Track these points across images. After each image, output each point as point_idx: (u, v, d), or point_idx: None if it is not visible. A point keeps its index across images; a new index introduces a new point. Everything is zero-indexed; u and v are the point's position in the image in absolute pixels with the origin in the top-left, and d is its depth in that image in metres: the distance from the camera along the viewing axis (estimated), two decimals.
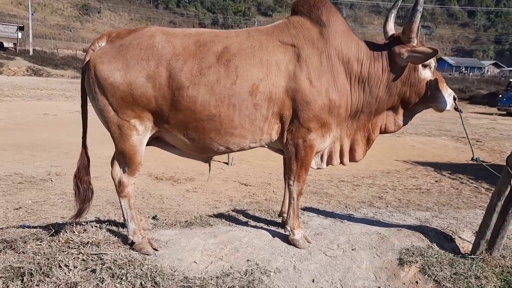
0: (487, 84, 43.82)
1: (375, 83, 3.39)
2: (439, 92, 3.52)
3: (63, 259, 2.93)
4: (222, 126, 3.14)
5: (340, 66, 3.29)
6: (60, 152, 11.46)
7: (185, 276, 2.94)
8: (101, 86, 3.05)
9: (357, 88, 3.39)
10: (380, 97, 3.44)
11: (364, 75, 3.37)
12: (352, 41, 3.36)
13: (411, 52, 3.29)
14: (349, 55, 3.32)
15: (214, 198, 8.43)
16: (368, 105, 3.46)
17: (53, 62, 45.10)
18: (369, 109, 3.48)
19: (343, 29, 3.35)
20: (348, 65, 3.32)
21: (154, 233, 3.57)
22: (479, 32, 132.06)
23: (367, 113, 3.51)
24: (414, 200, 8.69)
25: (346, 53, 3.31)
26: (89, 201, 3.46)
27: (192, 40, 3.15)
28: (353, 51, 3.34)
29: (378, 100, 3.45)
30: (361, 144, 3.64)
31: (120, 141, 3.17)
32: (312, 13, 3.31)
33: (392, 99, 3.49)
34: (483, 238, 3.36)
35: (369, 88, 3.40)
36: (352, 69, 3.34)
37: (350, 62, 3.32)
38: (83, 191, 3.42)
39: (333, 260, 3.29)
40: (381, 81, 3.40)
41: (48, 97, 26.06)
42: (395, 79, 3.41)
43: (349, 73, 3.34)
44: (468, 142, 3.78)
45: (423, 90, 3.48)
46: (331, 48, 3.26)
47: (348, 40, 3.35)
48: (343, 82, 3.31)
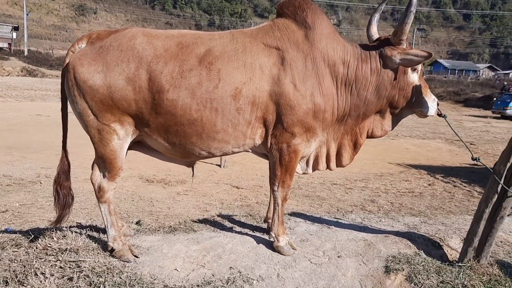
0: (482, 87, 44.01)
1: (363, 86, 3.31)
2: (424, 97, 3.47)
3: (40, 266, 2.85)
4: (204, 130, 3.07)
5: (325, 69, 3.22)
6: (51, 154, 11.34)
7: (165, 285, 2.86)
8: (80, 89, 2.98)
9: (344, 91, 3.31)
10: (368, 99, 3.36)
11: (351, 77, 3.29)
12: (338, 43, 3.28)
13: (404, 55, 3.23)
14: (334, 57, 3.24)
15: (204, 201, 8.36)
16: (356, 108, 3.38)
17: (48, 63, 44.97)
18: (357, 113, 3.40)
19: (329, 31, 3.28)
20: (334, 68, 3.24)
21: (135, 239, 3.49)
22: (474, 35, 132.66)
23: (354, 117, 3.42)
24: (406, 204, 8.66)
25: (331, 55, 3.23)
26: (69, 207, 3.37)
27: (174, 42, 3.07)
28: (338, 53, 3.26)
29: (367, 103, 3.37)
30: (348, 148, 3.57)
31: (100, 146, 3.09)
32: (297, 15, 3.24)
33: (380, 102, 3.41)
34: (470, 245, 3.30)
35: (356, 90, 3.31)
36: (338, 72, 3.26)
37: (336, 65, 3.24)
38: (63, 197, 3.33)
39: (318, 268, 3.22)
40: (369, 83, 3.31)
41: (42, 98, 25.95)
42: (385, 82, 3.33)
43: (335, 76, 3.26)
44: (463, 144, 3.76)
45: (411, 94, 3.42)
46: (316, 51, 3.19)
47: (334, 42, 3.27)
48: (329, 86, 3.23)
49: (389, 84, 3.34)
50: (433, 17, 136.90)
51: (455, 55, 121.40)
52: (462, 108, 38.11)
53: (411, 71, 3.40)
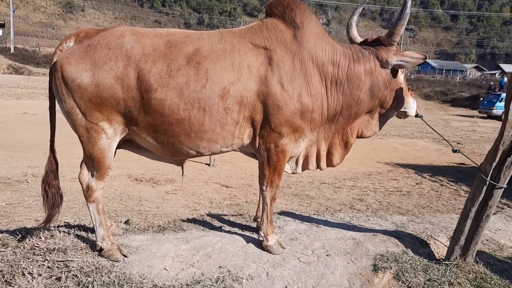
0: (469, 87, 44.46)
1: (356, 85, 3.32)
2: (408, 98, 3.55)
3: (27, 266, 2.83)
4: (192, 130, 3.06)
5: (314, 69, 3.22)
6: (38, 153, 11.22)
7: (154, 284, 2.86)
8: (68, 88, 2.96)
9: (335, 91, 3.31)
10: (361, 99, 3.37)
11: (342, 77, 3.29)
12: (326, 44, 3.29)
13: (401, 57, 3.30)
14: (323, 58, 3.25)
15: (194, 200, 8.34)
16: (348, 108, 3.39)
17: (34, 60, 44.37)
18: (349, 112, 3.41)
19: (317, 31, 3.28)
20: (323, 68, 3.25)
21: (124, 239, 3.47)
22: (461, 35, 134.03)
23: (346, 116, 3.44)
24: (394, 203, 8.73)
25: (320, 55, 3.24)
26: (58, 206, 3.34)
27: (162, 41, 3.06)
28: (327, 53, 3.27)
29: (360, 102, 3.38)
30: (339, 148, 3.58)
31: (88, 145, 3.07)
32: (285, 15, 3.23)
33: (373, 102, 3.43)
34: (457, 244, 3.34)
35: (349, 90, 3.32)
36: (327, 72, 3.26)
37: (324, 65, 3.25)
38: (51, 196, 3.31)
39: (307, 267, 3.24)
40: (363, 83, 3.33)
41: (28, 96, 25.63)
42: (379, 82, 3.36)
43: (324, 76, 3.26)
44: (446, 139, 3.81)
45: (399, 95, 3.47)
46: (304, 50, 3.19)
47: (323, 43, 3.27)
48: (317, 86, 3.23)
49: (383, 84, 3.38)
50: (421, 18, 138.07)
51: (443, 55, 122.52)
52: (449, 108, 38.50)
53: (400, 72, 3.44)
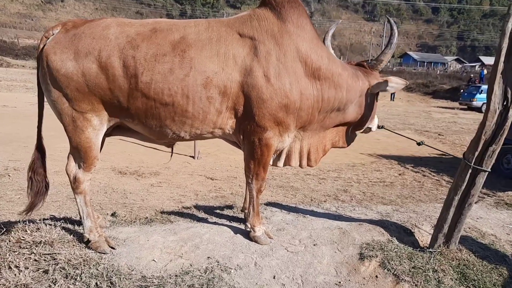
0: (450, 79, 45.03)
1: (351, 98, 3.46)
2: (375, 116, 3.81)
3: (14, 259, 2.80)
4: (176, 114, 3.06)
5: (307, 71, 3.21)
6: (19, 146, 11.03)
7: (143, 275, 2.86)
8: (53, 77, 2.93)
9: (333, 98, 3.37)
10: (349, 112, 3.56)
11: (338, 86, 3.36)
12: (323, 51, 3.31)
13: (386, 82, 3.49)
14: (319, 63, 3.24)
15: (179, 192, 8.32)
16: (335, 116, 3.53)
17: (13, 52, 43.47)
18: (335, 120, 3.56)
19: (313, 36, 3.27)
20: (319, 72, 3.25)
21: (112, 231, 3.46)
22: (442, 28, 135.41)
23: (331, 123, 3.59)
24: (378, 193, 8.84)
25: (315, 60, 3.23)
26: (43, 195, 3.33)
27: (148, 28, 3.05)
28: (324, 61, 3.27)
29: (346, 115, 3.56)
30: (319, 150, 3.68)
31: (75, 135, 3.05)
32: (283, 8, 3.18)
33: (355, 117, 3.61)
34: (440, 231, 3.42)
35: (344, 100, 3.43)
36: (325, 77, 3.28)
37: (321, 70, 3.25)
38: (36, 183, 3.29)
39: (294, 256, 3.27)
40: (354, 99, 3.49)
41: (7, 88, 25.11)
42: (363, 102, 3.55)
43: (319, 79, 3.27)
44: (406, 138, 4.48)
45: (374, 114, 3.74)
46: (296, 50, 3.16)
47: (318, 49, 3.27)
48: (307, 86, 3.23)
49: (367, 104, 3.57)
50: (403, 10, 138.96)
51: (424, 47, 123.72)
52: (431, 100, 38.95)
53: (378, 95, 3.67)
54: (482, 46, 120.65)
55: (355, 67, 3.59)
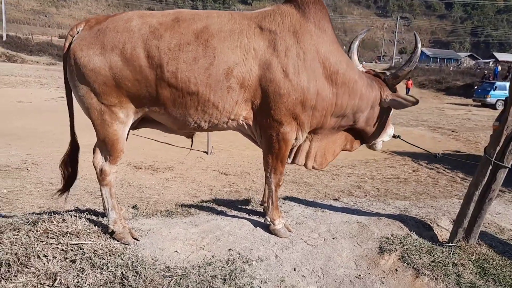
0: (463, 75, 44.52)
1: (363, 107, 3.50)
2: (389, 127, 3.87)
3: (42, 249, 2.87)
4: (199, 103, 3.10)
5: (325, 73, 3.24)
6: (36, 141, 11.21)
7: (166, 266, 2.92)
8: (81, 73, 2.99)
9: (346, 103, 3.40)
10: (360, 122, 3.61)
11: (353, 93, 3.39)
12: (342, 56, 3.34)
13: (396, 97, 3.54)
14: (337, 67, 3.27)
15: (193, 187, 8.39)
16: (346, 122, 3.58)
17: (27, 48, 43.88)
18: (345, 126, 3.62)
19: (333, 40, 3.31)
20: (336, 76, 3.28)
21: (134, 223, 3.53)
22: (456, 24, 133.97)
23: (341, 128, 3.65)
24: (392, 190, 8.82)
25: (334, 63, 3.26)
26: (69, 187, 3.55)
27: (170, 18, 3.09)
28: (343, 65, 3.30)
29: (356, 123, 3.61)
30: (328, 153, 3.72)
31: (102, 128, 3.11)
32: (307, 8, 3.21)
33: (364, 127, 3.67)
34: (460, 226, 3.43)
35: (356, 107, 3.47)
36: (339, 82, 3.31)
37: (339, 73, 3.28)
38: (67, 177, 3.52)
39: (314, 249, 3.31)
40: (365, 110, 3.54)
41: (23, 84, 25.44)
42: (374, 113, 3.61)
43: (336, 84, 3.30)
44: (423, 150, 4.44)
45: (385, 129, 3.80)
46: (316, 51, 3.19)
47: (337, 54, 3.30)
48: (325, 88, 3.26)
49: (377, 117, 3.63)
50: (416, 6, 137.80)
51: (437, 43, 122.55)
52: (444, 96, 38.63)
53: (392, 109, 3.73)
54: (496, 42, 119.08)
55: (371, 77, 3.63)
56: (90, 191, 7.25)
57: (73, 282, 2.61)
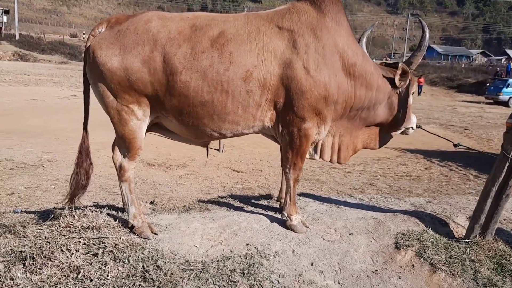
0: (475, 72, 44.13)
1: (381, 97, 3.54)
2: (412, 116, 3.85)
3: (65, 243, 2.94)
4: (215, 112, 3.13)
5: (343, 66, 3.29)
6: (50, 138, 11.36)
7: (186, 260, 2.97)
8: (99, 72, 3.05)
9: (364, 95, 3.45)
10: (378, 112, 3.63)
11: (373, 85, 3.45)
12: (358, 48, 3.39)
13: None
14: (354, 59, 3.32)
15: (206, 184, 8.45)
16: (366, 113, 3.61)
17: (40, 47, 44.29)
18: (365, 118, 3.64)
19: (349, 33, 3.36)
20: (354, 68, 3.32)
21: (153, 218, 3.59)
22: (467, 20, 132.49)
23: (362, 120, 3.66)
24: (404, 187, 8.81)
25: (351, 56, 3.30)
26: (83, 188, 3.46)
27: (188, 24, 3.12)
28: (359, 58, 3.35)
29: (376, 114, 3.63)
30: (349, 148, 3.75)
31: (120, 126, 3.17)
32: (323, 3, 3.25)
33: (386, 118, 3.68)
34: (477, 222, 3.43)
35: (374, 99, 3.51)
36: (359, 74, 3.36)
37: (356, 65, 3.33)
38: (80, 176, 3.44)
39: (331, 244, 3.34)
40: (383, 98, 3.56)
41: (35, 83, 25.70)
42: (393, 102, 3.62)
43: (353, 76, 3.35)
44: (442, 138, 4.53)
45: (408, 115, 3.76)
46: (334, 45, 3.24)
47: (353, 46, 3.35)
48: (344, 81, 3.31)
49: (397, 105, 3.63)
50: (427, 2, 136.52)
51: (448, 40, 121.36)
52: (455, 94, 38.32)
53: (411, 95, 3.73)
54: (508, 39, 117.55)
55: (385, 68, 3.67)
56: (105, 188, 7.34)
57: (96, 274, 2.67)
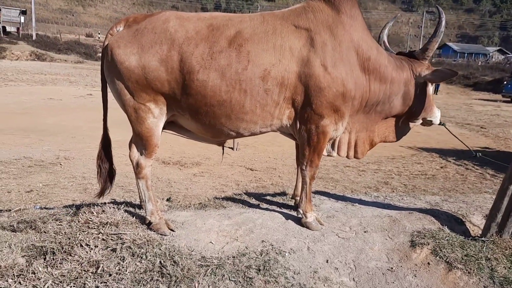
0: (492, 70, 43.58)
1: (395, 89, 3.51)
2: (434, 107, 3.76)
3: (84, 238, 3.00)
4: (232, 111, 3.16)
5: (358, 61, 3.30)
6: (67, 137, 11.54)
7: (202, 256, 3.01)
8: (117, 70, 3.10)
9: (378, 88, 3.44)
10: (394, 103, 3.59)
11: (386, 78, 3.43)
12: (372, 42, 3.39)
13: (433, 71, 3.50)
14: (369, 53, 3.33)
15: (221, 182, 8.50)
16: (382, 106, 3.58)
17: (56, 47, 45.00)
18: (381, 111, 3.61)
19: (364, 27, 3.37)
20: (368, 62, 3.33)
21: (169, 214, 3.64)
22: (484, 18, 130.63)
23: (378, 114, 3.63)
24: (420, 186, 8.75)
25: (366, 50, 3.31)
26: (111, 181, 3.60)
27: (205, 24, 3.16)
28: (374, 51, 3.36)
29: (392, 105, 3.59)
30: (365, 142, 3.74)
31: (137, 124, 3.22)
32: (337, 0, 3.28)
33: (403, 109, 3.64)
34: (494, 221, 3.41)
35: (388, 92, 3.49)
36: (373, 68, 3.36)
37: (370, 60, 3.34)
38: (104, 171, 3.54)
39: (346, 242, 3.35)
40: (399, 90, 3.53)
41: (52, 82, 26.09)
42: (410, 92, 3.57)
43: (367, 70, 3.35)
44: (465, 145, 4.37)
45: (428, 105, 3.69)
46: (350, 40, 3.26)
47: (368, 39, 3.36)
48: (360, 76, 3.32)
49: (414, 94, 3.58)
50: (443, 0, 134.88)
51: (465, 38, 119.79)
52: (472, 92, 37.87)
53: (430, 85, 3.66)
54: None
55: (401, 57, 3.63)
56: (121, 186, 7.43)
57: (114, 269, 2.72)
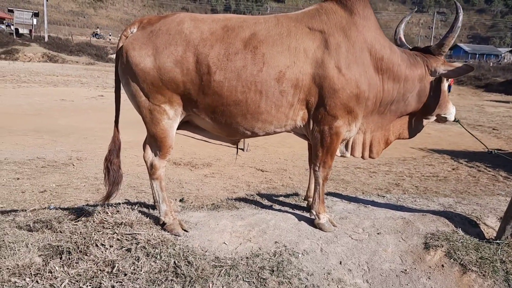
0: (504, 71, 43.13)
1: (409, 87, 3.49)
2: (449, 104, 3.72)
3: (99, 238, 3.03)
4: (248, 111, 3.19)
5: (372, 61, 3.31)
6: (79, 138, 11.65)
7: (216, 256, 3.02)
8: (132, 72, 3.12)
9: (391, 87, 3.44)
10: (409, 101, 3.57)
11: (400, 76, 3.43)
12: (385, 41, 3.39)
13: (448, 67, 3.49)
14: (382, 53, 3.33)
15: (231, 183, 8.54)
16: (396, 105, 3.56)
17: (68, 49, 45.39)
18: (396, 109, 3.60)
19: (376, 26, 3.38)
20: (381, 62, 3.34)
21: (183, 215, 3.66)
22: (496, 18, 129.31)
23: (393, 113, 3.62)
24: (431, 188, 8.71)
25: (379, 50, 3.32)
26: (118, 184, 3.51)
27: (220, 26, 3.18)
28: (387, 50, 3.36)
29: (407, 103, 3.58)
30: (380, 142, 3.74)
31: (152, 125, 3.25)
32: (349, 1, 3.29)
33: (418, 105, 3.62)
34: (508, 223, 3.38)
35: (402, 90, 3.48)
36: (386, 68, 3.36)
37: (383, 60, 3.34)
38: (112, 173, 3.49)
39: (359, 243, 3.35)
40: (414, 87, 3.52)
41: (64, 83, 26.33)
42: (426, 89, 3.55)
43: (381, 70, 3.35)
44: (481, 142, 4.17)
45: (443, 101, 3.66)
46: (363, 40, 3.26)
47: (381, 39, 3.36)
48: (373, 76, 3.32)
49: (429, 91, 3.56)
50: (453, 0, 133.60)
51: (476, 39, 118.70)
52: (483, 93, 37.50)
53: (445, 81, 3.63)
54: None
55: (416, 53, 3.60)
56: (133, 186, 7.50)
57: (129, 269, 2.75)
